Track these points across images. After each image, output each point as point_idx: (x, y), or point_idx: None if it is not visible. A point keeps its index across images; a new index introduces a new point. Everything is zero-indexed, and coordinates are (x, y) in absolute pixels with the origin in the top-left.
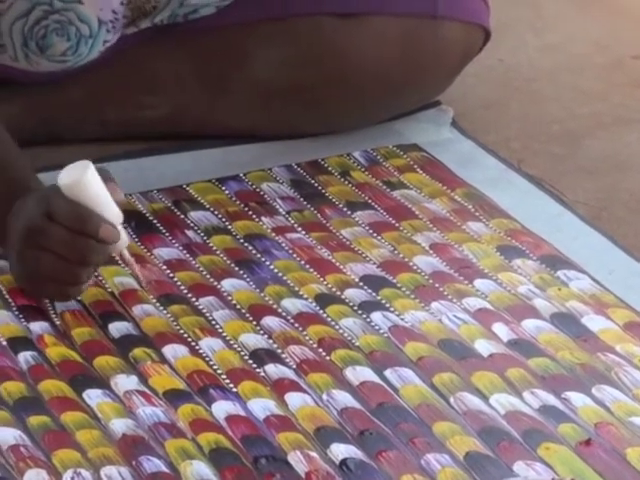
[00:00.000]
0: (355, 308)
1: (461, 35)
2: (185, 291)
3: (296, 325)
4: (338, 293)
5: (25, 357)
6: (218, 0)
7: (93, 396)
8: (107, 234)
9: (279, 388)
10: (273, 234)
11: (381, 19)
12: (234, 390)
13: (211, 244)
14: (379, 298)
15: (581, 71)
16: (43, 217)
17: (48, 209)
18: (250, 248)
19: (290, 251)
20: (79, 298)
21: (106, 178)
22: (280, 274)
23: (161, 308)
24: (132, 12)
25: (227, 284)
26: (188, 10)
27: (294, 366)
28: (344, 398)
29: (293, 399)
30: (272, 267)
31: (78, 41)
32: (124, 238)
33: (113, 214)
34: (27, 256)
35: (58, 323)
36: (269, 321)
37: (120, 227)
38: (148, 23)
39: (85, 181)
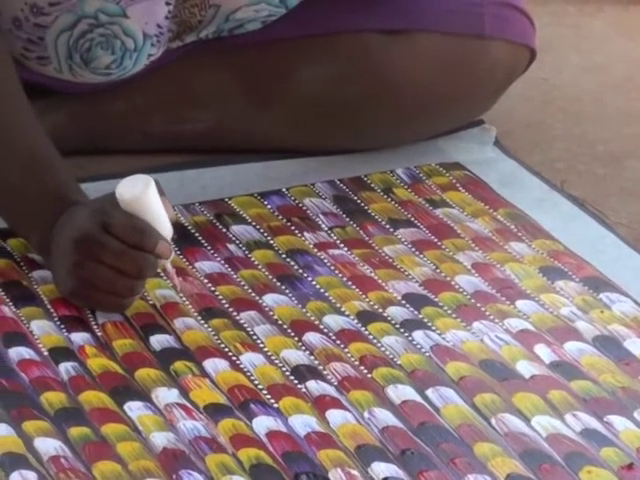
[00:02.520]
0: (397, 326)
1: (507, 55)
2: (226, 305)
3: (338, 342)
4: (380, 310)
5: (66, 368)
6: (264, 15)
7: (134, 408)
8: (163, 250)
9: (320, 405)
10: (315, 250)
11: (428, 37)
12: (275, 406)
13: (253, 258)
14: (421, 317)
15: (625, 92)
16: (100, 229)
17: (105, 221)
18: (292, 263)
19: (332, 267)
20: None
21: (159, 192)
22: (322, 290)
23: (202, 322)
24: (177, 26)
25: (269, 299)
26: (234, 25)
27: (335, 383)
28: (385, 416)
29: (334, 416)
30: (314, 283)
31: (123, 55)
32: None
33: (166, 229)
34: (82, 268)
35: (99, 334)
36: (311, 337)
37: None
38: (193, 37)
39: (146, 198)
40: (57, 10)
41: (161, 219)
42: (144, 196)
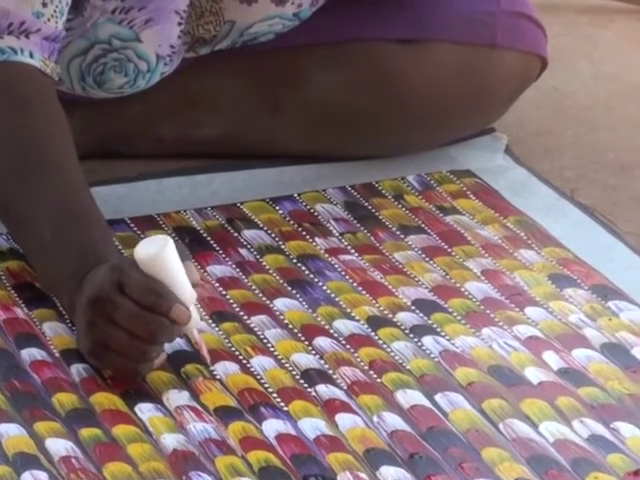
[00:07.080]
0: (407, 331)
1: (519, 64)
2: (237, 309)
3: (348, 346)
4: (390, 316)
5: (77, 369)
6: (278, 29)
7: (145, 410)
8: (179, 314)
9: (330, 408)
10: (326, 255)
11: (440, 46)
12: (285, 409)
13: (264, 263)
14: (430, 322)
15: (636, 101)
16: (114, 288)
17: (120, 280)
18: (303, 268)
19: (343, 273)
20: None
21: (183, 257)
22: (332, 295)
23: (213, 325)
24: (191, 39)
25: (279, 303)
26: (248, 38)
27: (345, 387)
28: (394, 421)
29: (343, 420)
30: (325, 288)
31: (136, 76)
32: (196, 318)
33: (187, 294)
34: (96, 328)
35: None
36: (321, 341)
37: (193, 307)
38: (207, 50)
39: (162, 257)
40: (70, 35)
41: (179, 282)
42: (161, 255)
